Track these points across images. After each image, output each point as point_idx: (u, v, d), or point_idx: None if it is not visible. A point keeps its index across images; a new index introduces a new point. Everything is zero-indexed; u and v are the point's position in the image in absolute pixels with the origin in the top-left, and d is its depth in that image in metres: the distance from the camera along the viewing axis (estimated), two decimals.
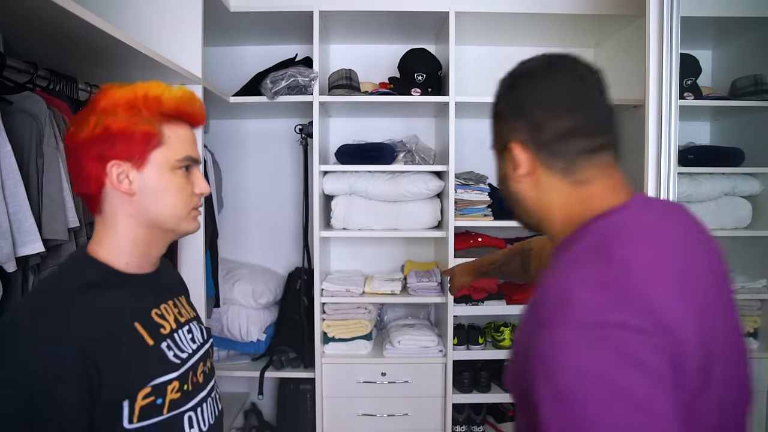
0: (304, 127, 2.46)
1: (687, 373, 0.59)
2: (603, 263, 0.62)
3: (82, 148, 0.79)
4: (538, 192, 0.75)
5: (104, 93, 0.81)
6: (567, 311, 0.58)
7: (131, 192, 0.81)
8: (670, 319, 0.59)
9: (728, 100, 2.27)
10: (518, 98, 0.78)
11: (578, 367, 0.56)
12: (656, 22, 1.59)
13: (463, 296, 2.32)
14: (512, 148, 0.75)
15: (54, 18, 1.10)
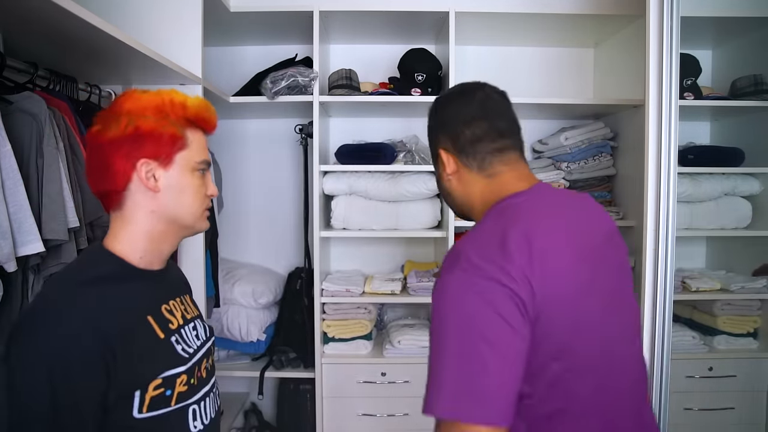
0: (304, 127, 2.46)
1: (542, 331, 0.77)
2: (493, 233, 0.82)
3: (111, 145, 0.83)
4: (463, 186, 0.97)
5: (130, 96, 0.86)
6: (454, 263, 0.79)
7: (157, 189, 0.86)
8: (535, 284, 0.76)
9: (728, 100, 2.27)
10: (440, 116, 0.99)
11: (452, 301, 0.77)
12: (656, 22, 1.59)
13: None
14: (440, 154, 0.97)
15: (54, 18, 1.10)
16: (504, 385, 0.74)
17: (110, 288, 0.81)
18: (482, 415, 0.73)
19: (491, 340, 0.74)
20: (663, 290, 1.57)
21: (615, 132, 2.46)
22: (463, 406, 0.74)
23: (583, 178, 2.45)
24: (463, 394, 0.75)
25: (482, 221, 0.89)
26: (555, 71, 2.67)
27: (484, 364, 0.74)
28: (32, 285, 1.15)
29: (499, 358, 0.74)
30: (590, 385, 0.82)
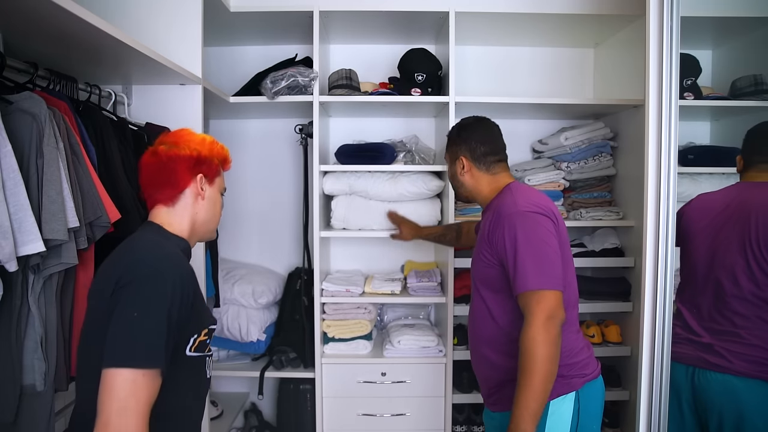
0: (304, 127, 2.46)
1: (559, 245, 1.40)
2: (522, 194, 1.46)
3: (181, 160, 1.15)
4: (473, 181, 1.57)
5: (188, 131, 1.22)
6: (515, 208, 1.39)
7: (203, 196, 1.19)
8: (555, 215, 1.43)
9: (728, 100, 2.27)
10: (463, 135, 1.59)
11: (524, 226, 1.36)
12: (656, 22, 1.59)
13: (463, 296, 2.32)
14: (462, 159, 1.57)
15: (54, 18, 1.10)
16: (558, 268, 1.34)
17: (182, 258, 1.11)
18: (552, 284, 1.31)
19: (550, 244, 1.35)
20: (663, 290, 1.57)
21: (615, 132, 2.47)
22: (542, 280, 1.31)
23: (583, 178, 2.45)
24: (542, 274, 1.31)
25: (507, 193, 1.49)
26: (555, 71, 2.67)
27: (549, 257, 1.34)
28: (32, 284, 1.15)
29: (554, 254, 1.35)
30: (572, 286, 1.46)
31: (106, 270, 1.05)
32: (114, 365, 0.92)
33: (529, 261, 1.31)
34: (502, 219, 1.38)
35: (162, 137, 1.20)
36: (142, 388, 0.93)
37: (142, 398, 0.93)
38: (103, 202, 1.28)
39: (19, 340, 1.14)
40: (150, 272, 1.00)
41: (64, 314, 1.25)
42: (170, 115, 1.87)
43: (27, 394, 1.15)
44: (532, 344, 1.26)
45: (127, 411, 0.90)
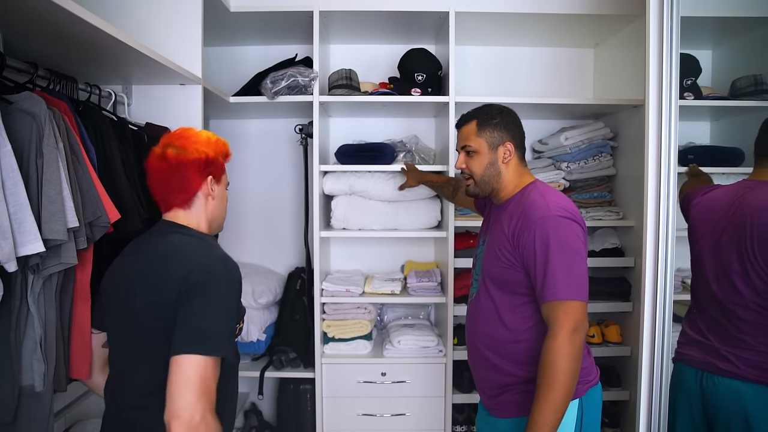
0: (304, 127, 2.46)
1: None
2: (553, 197, 1.38)
3: (191, 164, 1.20)
4: (510, 170, 1.48)
5: (193, 132, 1.26)
6: (547, 212, 1.32)
7: (213, 196, 1.26)
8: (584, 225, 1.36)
9: (728, 100, 2.27)
10: (510, 122, 1.50)
11: (557, 234, 1.30)
12: (656, 22, 1.59)
13: (463, 296, 2.32)
14: (507, 145, 1.48)
15: (54, 18, 1.10)
16: (586, 279, 1.31)
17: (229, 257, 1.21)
18: (579, 295, 1.28)
19: (580, 254, 1.31)
20: (663, 290, 1.57)
21: (615, 132, 2.46)
22: (571, 290, 1.27)
23: (583, 178, 2.45)
24: (571, 285, 1.27)
25: (533, 190, 1.42)
26: (555, 71, 2.67)
27: (579, 267, 1.30)
28: (32, 285, 1.15)
29: (584, 264, 1.31)
30: None
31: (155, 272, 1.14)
32: (190, 352, 1.03)
33: (560, 269, 1.26)
34: (533, 222, 1.31)
35: (168, 138, 1.23)
36: (214, 373, 1.06)
37: (214, 383, 1.06)
38: (103, 202, 1.28)
39: (18, 340, 1.14)
40: (223, 273, 1.13)
41: (64, 314, 1.25)
42: (170, 115, 1.87)
43: (26, 394, 1.15)
44: (557, 357, 1.23)
45: (205, 393, 1.02)
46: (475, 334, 1.50)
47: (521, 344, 1.38)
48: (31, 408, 1.16)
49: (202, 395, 1.01)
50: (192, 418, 0.99)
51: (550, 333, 1.26)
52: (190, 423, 0.99)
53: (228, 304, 1.12)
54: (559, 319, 1.25)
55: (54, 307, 1.20)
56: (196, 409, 1.00)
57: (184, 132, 1.25)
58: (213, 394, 1.05)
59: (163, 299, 1.09)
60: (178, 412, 0.99)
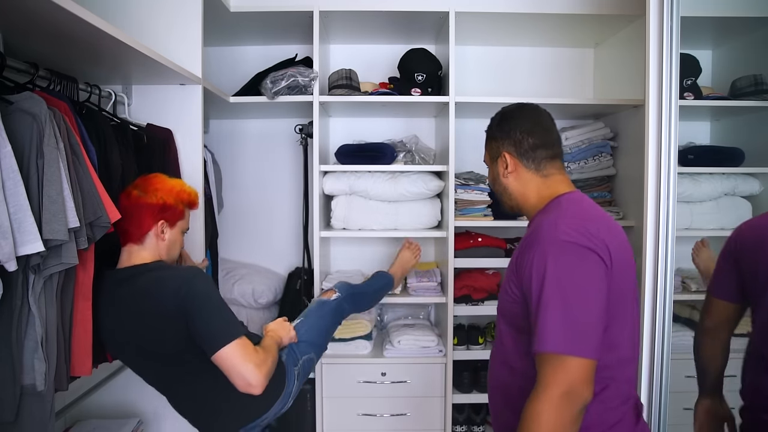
0: (304, 127, 2.46)
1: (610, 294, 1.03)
2: (572, 215, 1.09)
3: (147, 208, 1.39)
4: (520, 183, 1.22)
5: (161, 179, 1.46)
6: (553, 234, 1.04)
7: (164, 239, 1.43)
8: (610, 253, 1.03)
9: (728, 100, 2.27)
10: (505, 126, 1.23)
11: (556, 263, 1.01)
12: (656, 22, 1.59)
13: (463, 296, 2.32)
14: (504, 156, 1.22)
15: (54, 18, 1.10)
16: (596, 329, 0.99)
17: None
18: (581, 350, 0.96)
19: (587, 294, 1.00)
20: (663, 290, 1.58)
21: (615, 132, 2.47)
22: (567, 342, 0.97)
23: (583, 178, 2.45)
24: (566, 334, 0.97)
25: (555, 207, 1.15)
26: (555, 71, 2.67)
27: (582, 313, 0.98)
28: (32, 284, 1.15)
29: (593, 308, 0.99)
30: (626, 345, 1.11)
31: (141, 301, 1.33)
32: (223, 345, 1.26)
33: (554, 312, 0.98)
34: (533, 247, 1.05)
35: (139, 180, 1.45)
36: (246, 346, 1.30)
37: (249, 347, 1.30)
38: (103, 202, 1.28)
39: (20, 340, 1.14)
40: (196, 275, 1.33)
41: (65, 314, 1.25)
42: (170, 115, 1.87)
43: (27, 393, 1.15)
44: (534, 425, 0.95)
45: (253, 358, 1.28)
46: (489, 378, 1.29)
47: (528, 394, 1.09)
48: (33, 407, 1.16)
49: (251, 358, 1.27)
50: (258, 378, 1.26)
51: (533, 391, 0.98)
52: (259, 382, 1.27)
53: (216, 294, 1.34)
54: (546, 376, 0.97)
55: (55, 306, 1.20)
56: (255, 370, 1.26)
57: (153, 178, 1.45)
58: (252, 349, 1.30)
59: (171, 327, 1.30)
60: (250, 381, 1.25)
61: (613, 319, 1.04)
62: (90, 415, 1.88)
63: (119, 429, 1.80)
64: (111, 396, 1.92)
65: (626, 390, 1.11)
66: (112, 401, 1.93)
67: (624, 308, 1.08)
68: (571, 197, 1.17)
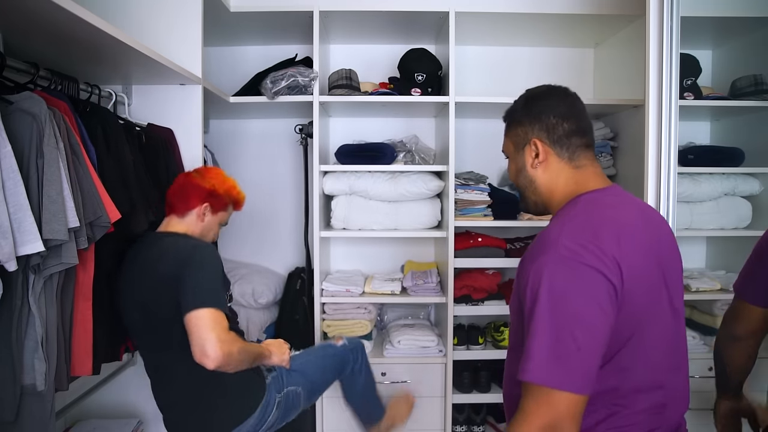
0: (304, 127, 2.46)
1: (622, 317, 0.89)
2: (581, 223, 0.94)
3: (198, 189, 1.55)
4: (549, 175, 1.06)
5: (219, 172, 1.65)
6: (550, 247, 0.90)
7: (203, 220, 1.57)
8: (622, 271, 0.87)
9: (728, 100, 2.27)
10: (534, 109, 1.07)
11: (549, 282, 0.87)
12: (656, 22, 1.59)
13: (463, 296, 2.32)
14: (535, 143, 1.05)
15: (54, 18, 1.10)
16: (589, 360, 0.86)
17: None
18: (569, 383, 0.84)
19: (584, 321, 0.85)
20: None
21: (615, 132, 2.47)
22: (553, 374, 0.84)
23: None
24: (554, 365, 0.85)
25: (569, 210, 1.00)
26: (555, 71, 2.67)
27: (576, 342, 0.84)
28: (32, 284, 1.15)
29: (590, 337, 0.85)
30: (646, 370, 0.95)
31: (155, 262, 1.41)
32: (201, 306, 1.28)
33: (543, 338, 0.85)
34: (535, 257, 0.92)
35: (200, 167, 1.68)
36: (221, 318, 1.30)
37: (223, 323, 1.29)
38: (103, 202, 1.28)
39: (20, 339, 1.14)
40: (200, 247, 1.43)
41: (65, 314, 1.25)
42: (170, 115, 1.87)
43: (27, 393, 1.16)
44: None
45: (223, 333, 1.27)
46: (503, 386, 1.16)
47: None
48: (33, 407, 1.17)
49: (218, 330, 1.26)
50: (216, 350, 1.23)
51: (514, 417, 0.89)
52: (216, 355, 1.23)
53: (213, 268, 1.38)
54: (528, 406, 0.86)
55: (55, 306, 1.20)
56: (217, 341, 1.24)
57: (213, 169, 1.65)
58: (225, 326, 1.29)
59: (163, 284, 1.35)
60: (206, 350, 1.23)
61: (627, 341, 0.91)
62: (90, 415, 1.88)
63: (119, 429, 1.80)
64: (111, 396, 1.92)
65: (645, 421, 0.95)
66: (112, 401, 1.93)
67: (645, 329, 0.92)
68: (591, 197, 1.01)
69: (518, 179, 1.11)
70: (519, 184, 1.12)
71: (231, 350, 1.27)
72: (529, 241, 2.46)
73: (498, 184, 2.62)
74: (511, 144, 1.12)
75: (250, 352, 1.40)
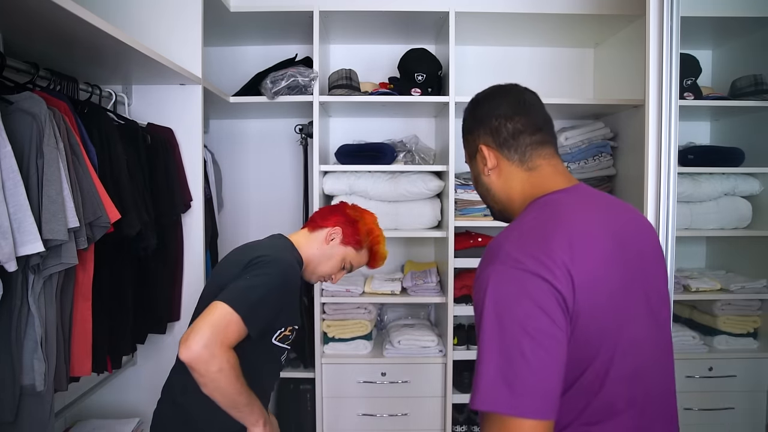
0: (304, 127, 2.46)
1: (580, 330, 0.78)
2: (531, 228, 0.85)
3: (342, 215, 1.49)
4: (503, 181, 0.99)
5: (373, 219, 1.55)
6: (494, 257, 0.81)
7: (327, 243, 1.46)
8: (573, 279, 0.77)
9: (728, 100, 2.27)
10: (478, 114, 1.02)
11: (492, 294, 0.78)
12: (656, 22, 1.59)
13: (463, 296, 2.32)
14: (482, 149, 0.99)
15: (55, 18, 1.10)
16: (546, 378, 0.74)
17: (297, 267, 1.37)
18: (525, 407, 0.72)
19: (532, 333, 0.74)
20: None
21: (615, 132, 2.47)
22: (505, 398, 0.72)
23: (583, 178, 2.45)
24: (505, 387, 0.73)
25: (522, 215, 0.92)
26: (555, 71, 2.67)
27: (525, 357, 0.73)
28: (32, 285, 1.15)
29: (541, 350, 0.74)
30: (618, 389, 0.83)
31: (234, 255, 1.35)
32: (221, 300, 1.14)
33: (490, 359, 0.75)
34: (479, 268, 0.85)
35: (360, 208, 1.56)
36: (237, 331, 1.14)
37: (231, 333, 1.13)
38: (103, 202, 1.28)
39: (19, 340, 1.14)
40: (277, 267, 1.26)
41: (64, 314, 1.25)
42: (170, 115, 1.87)
43: (27, 394, 1.16)
44: None
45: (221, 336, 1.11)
46: None
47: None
48: (32, 407, 1.17)
49: (216, 333, 1.10)
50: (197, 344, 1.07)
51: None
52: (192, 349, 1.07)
53: (266, 288, 1.21)
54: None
55: (54, 306, 1.20)
56: (205, 339, 1.08)
57: (370, 215, 1.56)
58: (228, 338, 1.12)
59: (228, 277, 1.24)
60: (189, 338, 1.08)
61: (594, 357, 0.80)
62: (90, 415, 1.88)
63: (119, 429, 1.80)
64: (111, 396, 1.92)
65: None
66: (112, 401, 1.93)
67: (615, 342, 0.82)
68: (545, 200, 0.91)
69: (477, 188, 1.07)
70: (478, 192, 1.07)
71: (213, 360, 1.08)
72: None
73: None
74: (466, 153, 1.07)
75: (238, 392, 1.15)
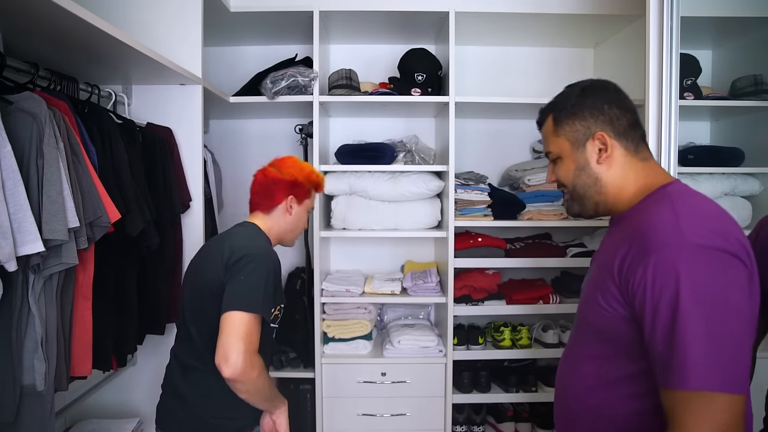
0: (304, 127, 2.46)
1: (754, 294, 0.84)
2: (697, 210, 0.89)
3: (280, 183, 1.49)
4: (617, 170, 1.01)
5: (294, 160, 1.56)
6: (678, 237, 0.83)
7: (290, 213, 1.52)
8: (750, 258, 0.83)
9: (728, 100, 2.27)
10: (590, 102, 1.02)
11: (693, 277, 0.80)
12: (656, 22, 1.59)
13: (463, 296, 2.32)
14: (601, 136, 1.00)
15: (55, 18, 1.10)
16: (747, 357, 0.81)
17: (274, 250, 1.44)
18: (735, 384, 0.79)
19: (744, 316, 0.81)
20: None
21: None
22: (718, 376, 0.78)
23: None
24: (719, 368, 0.78)
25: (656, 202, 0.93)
26: (555, 71, 2.67)
27: (734, 336, 0.79)
28: (32, 284, 1.15)
29: (747, 333, 0.81)
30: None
31: (211, 249, 1.41)
32: (235, 309, 1.24)
33: (697, 341, 0.78)
34: (650, 253, 0.84)
35: (274, 160, 1.56)
36: (256, 328, 1.26)
37: (255, 337, 1.26)
38: (103, 202, 1.28)
39: (19, 340, 1.14)
40: (259, 254, 1.33)
41: (64, 314, 1.25)
42: (170, 115, 1.87)
43: (27, 393, 1.16)
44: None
45: (249, 342, 1.23)
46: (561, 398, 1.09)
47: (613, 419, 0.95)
48: (32, 407, 1.17)
49: (247, 343, 1.22)
50: (238, 360, 1.19)
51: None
52: (236, 365, 1.19)
53: (263, 279, 1.30)
54: (686, 419, 0.79)
55: (55, 306, 1.20)
56: (243, 353, 1.20)
57: (287, 158, 1.57)
58: (255, 343, 1.25)
59: (215, 273, 1.32)
60: (228, 356, 1.19)
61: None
62: (90, 415, 1.88)
63: (119, 429, 1.80)
64: (111, 396, 1.92)
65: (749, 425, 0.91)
66: (112, 401, 1.93)
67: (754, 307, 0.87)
68: (676, 189, 0.94)
69: (578, 179, 1.03)
70: (578, 184, 1.03)
71: (254, 369, 1.23)
72: (529, 241, 2.46)
73: (498, 184, 2.62)
74: (566, 141, 1.03)
75: (269, 386, 1.34)
